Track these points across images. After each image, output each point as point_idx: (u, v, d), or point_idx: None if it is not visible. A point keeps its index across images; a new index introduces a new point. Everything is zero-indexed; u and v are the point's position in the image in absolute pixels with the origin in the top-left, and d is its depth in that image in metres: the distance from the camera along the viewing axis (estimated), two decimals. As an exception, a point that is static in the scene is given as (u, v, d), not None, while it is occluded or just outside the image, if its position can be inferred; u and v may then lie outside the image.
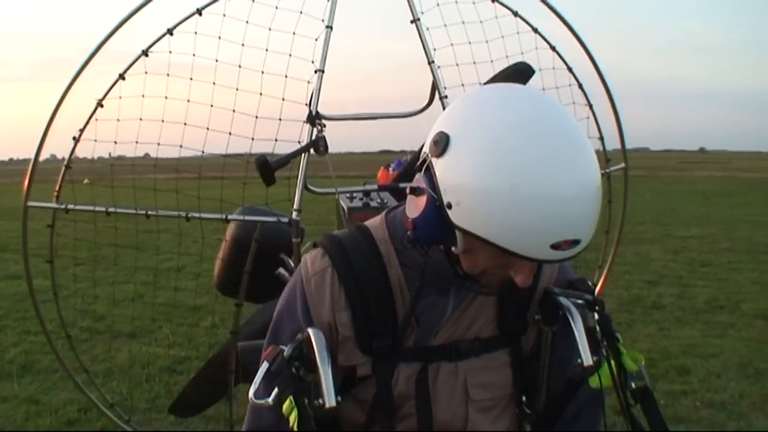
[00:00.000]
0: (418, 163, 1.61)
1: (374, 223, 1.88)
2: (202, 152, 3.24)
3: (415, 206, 1.59)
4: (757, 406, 6.83)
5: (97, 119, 3.28)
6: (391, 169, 21.38)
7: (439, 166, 1.52)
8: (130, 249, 4.25)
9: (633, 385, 1.74)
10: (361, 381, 1.77)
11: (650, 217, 23.88)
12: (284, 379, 1.59)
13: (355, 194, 3.15)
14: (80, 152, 3.45)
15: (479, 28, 3.30)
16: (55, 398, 7.07)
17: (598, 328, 1.75)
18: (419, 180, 1.58)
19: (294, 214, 2.78)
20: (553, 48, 3.49)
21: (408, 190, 1.60)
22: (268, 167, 2.63)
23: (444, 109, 2.84)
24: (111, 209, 3.23)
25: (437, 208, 1.52)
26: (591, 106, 3.60)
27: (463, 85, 3.21)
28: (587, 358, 1.72)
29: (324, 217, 13.65)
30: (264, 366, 1.63)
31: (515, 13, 3.49)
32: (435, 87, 3.15)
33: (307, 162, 2.91)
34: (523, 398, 1.93)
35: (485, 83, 3.03)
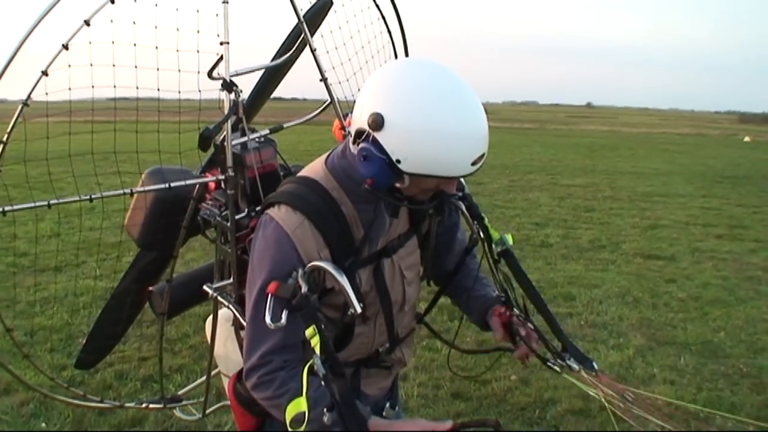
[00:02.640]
0: (353, 137, 2.23)
1: (318, 174, 2.39)
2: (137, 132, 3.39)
3: (367, 167, 2.17)
4: (635, 326, 7.77)
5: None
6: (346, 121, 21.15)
7: (382, 137, 2.08)
8: (35, 191, 4.13)
9: (499, 249, 2.61)
10: (331, 291, 2.36)
11: (539, 167, 24.82)
12: (308, 311, 2.13)
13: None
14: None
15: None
16: (-1, 325, 7.36)
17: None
18: (366, 148, 2.13)
19: (229, 171, 3.05)
20: None
21: (360, 157, 2.17)
22: (210, 137, 2.85)
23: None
24: (53, 201, 3.02)
25: (388, 164, 2.10)
26: (390, 33, 4.11)
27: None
28: (475, 232, 2.65)
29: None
30: (271, 299, 2.17)
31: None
32: (299, 38, 3.51)
33: (231, 125, 3.01)
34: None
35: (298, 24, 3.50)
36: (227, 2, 2.97)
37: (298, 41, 3.50)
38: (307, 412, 2.03)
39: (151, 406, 4.32)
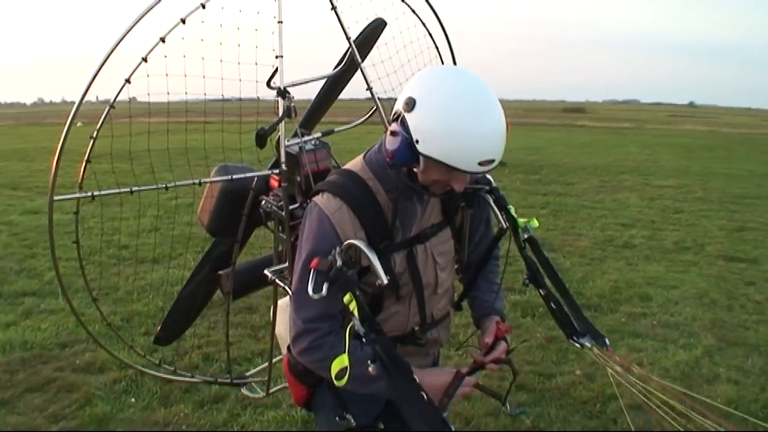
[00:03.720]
0: (393, 116, 2.61)
1: (357, 167, 2.80)
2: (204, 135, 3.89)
3: (392, 142, 2.56)
4: (707, 327, 7.85)
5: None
6: None
7: (410, 117, 2.45)
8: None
9: (525, 236, 2.93)
10: (369, 270, 2.68)
11: (631, 168, 24.44)
12: (343, 281, 2.47)
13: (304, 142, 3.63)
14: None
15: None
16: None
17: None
18: (395, 127, 2.51)
19: (282, 166, 3.46)
20: (413, 11, 4.38)
21: (389, 133, 2.57)
22: (264, 136, 3.35)
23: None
24: (135, 189, 3.60)
25: (408, 143, 2.47)
26: (438, 48, 4.57)
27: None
28: (503, 222, 2.98)
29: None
30: (313, 272, 2.51)
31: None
32: (351, 55, 3.97)
33: (285, 127, 3.56)
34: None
35: (357, 38, 4.00)
36: (281, 22, 3.47)
37: (347, 57, 3.95)
38: (349, 366, 2.37)
39: (219, 380, 4.85)
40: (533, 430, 5.43)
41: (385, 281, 2.54)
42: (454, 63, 4.65)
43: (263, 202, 3.53)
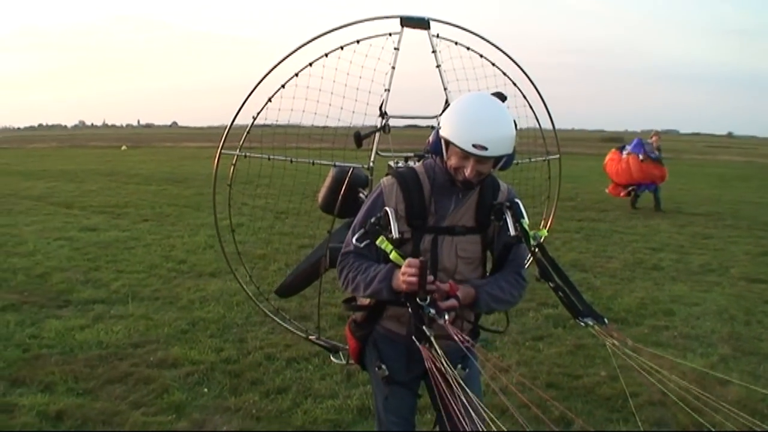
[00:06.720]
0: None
1: (417, 166, 3.76)
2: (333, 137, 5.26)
3: (433, 135, 3.63)
4: (724, 339, 8.45)
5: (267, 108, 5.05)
6: (625, 152, 21.77)
7: (443, 115, 3.52)
8: (189, 209, 5.74)
9: (534, 242, 3.54)
10: (405, 241, 3.52)
11: (665, 196, 24.25)
12: (376, 230, 3.47)
13: (399, 159, 4.75)
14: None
15: (471, 69, 5.57)
16: (165, 316, 8.85)
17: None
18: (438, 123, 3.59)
19: (371, 164, 4.92)
20: (514, 84, 5.81)
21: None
22: (359, 138, 4.77)
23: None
24: (272, 157, 5.09)
25: (438, 132, 3.50)
26: (538, 120, 5.92)
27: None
28: (513, 230, 3.54)
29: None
30: (361, 230, 3.57)
31: (493, 64, 5.67)
32: (447, 102, 5.15)
33: (379, 137, 4.98)
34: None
35: None
36: (394, 68, 5.02)
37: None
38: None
39: (311, 337, 6.01)
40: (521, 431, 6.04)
41: (396, 235, 3.40)
42: (547, 110, 5.85)
43: (360, 194, 4.77)
